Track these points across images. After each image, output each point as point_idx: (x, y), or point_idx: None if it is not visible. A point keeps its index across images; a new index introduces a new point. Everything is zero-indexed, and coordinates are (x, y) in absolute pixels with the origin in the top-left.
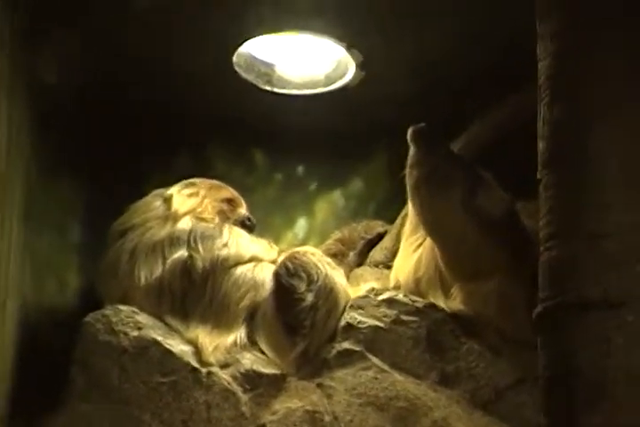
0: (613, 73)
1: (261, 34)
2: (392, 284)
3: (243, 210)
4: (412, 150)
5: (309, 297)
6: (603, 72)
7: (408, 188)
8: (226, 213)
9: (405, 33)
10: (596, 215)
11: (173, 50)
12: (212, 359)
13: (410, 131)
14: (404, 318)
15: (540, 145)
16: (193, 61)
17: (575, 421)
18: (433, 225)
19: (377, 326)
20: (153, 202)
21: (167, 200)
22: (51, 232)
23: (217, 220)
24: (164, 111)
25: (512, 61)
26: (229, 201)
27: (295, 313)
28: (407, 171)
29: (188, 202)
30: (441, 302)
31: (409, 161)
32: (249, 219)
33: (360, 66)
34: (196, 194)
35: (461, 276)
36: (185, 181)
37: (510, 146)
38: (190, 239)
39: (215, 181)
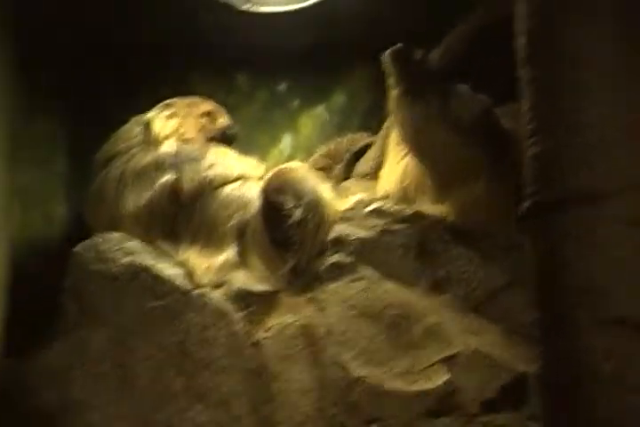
0: None
1: None
2: (379, 194)
3: (223, 119)
4: (389, 72)
5: (297, 213)
6: None
7: (389, 107)
8: (207, 127)
9: None
10: (577, 106)
11: None
12: (203, 280)
13: (386, 54)
14: (393, 227)
15: (518, 41)
16: None
17: (567, 316)
18: (414, 140)
19: (366, 237)
20: (134, 128)
21: (147, 125)
22: (35, 165)
23: (200, 138)
24: (141, 40)
25: None
26: (209, 114)
27: (284, 229)
28: (388, 91)
29: (169, 124)
30: (429, 209)
31: (388, 82)
32: (231, 127)
33: None
34: (175, 114)
35: (447, 184)
36: (162, 103)
37: (493, 49)
38: (176, 162)
39: (192, 98)
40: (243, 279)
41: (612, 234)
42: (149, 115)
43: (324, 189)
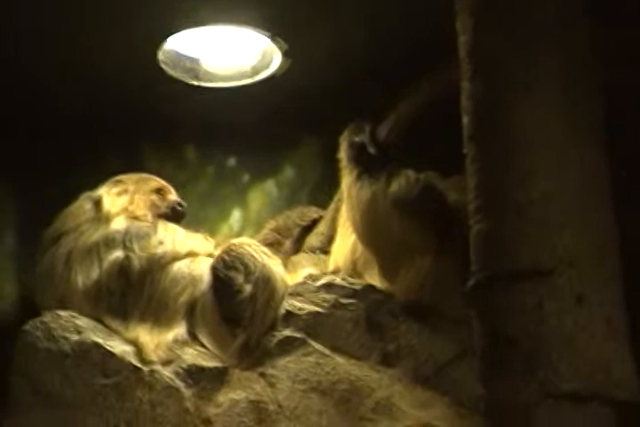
0: (530, 48)
1: (184, 29)
2: (331, 268)
3: (172, 196)
4: (344, 157)
5: (248, 288)
6: (520, 46)
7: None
8: (157, 204)
9: (327, 18)
10: (521, 185)
11: (97, 52)
12: (153, 357)
13: (342, 138)
14: (343, 301)
15: (465, 119)
16: (118, 62)
17: (513, 390)
18: (357, 223)
19: (316, 312)
20: (83, 205)
21: (97, 202)
22: None
23: (150, 215)
24: (93, 112)
25: (435, 42)
26: (158, 191)
27: (234, 305)
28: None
29: (119, 201)
30: (378, 283)
31: (341, 165)
32: (180, 204)
33: (285, 54)
34: (125, 191)
35: (392, 264)
36: (112, 180)
37: (442, 122)
38: (125, 240)
39: (141, 174)
40: (193, 356)
41: (557, 310)
42: (99, 191)
43: (273, 265)
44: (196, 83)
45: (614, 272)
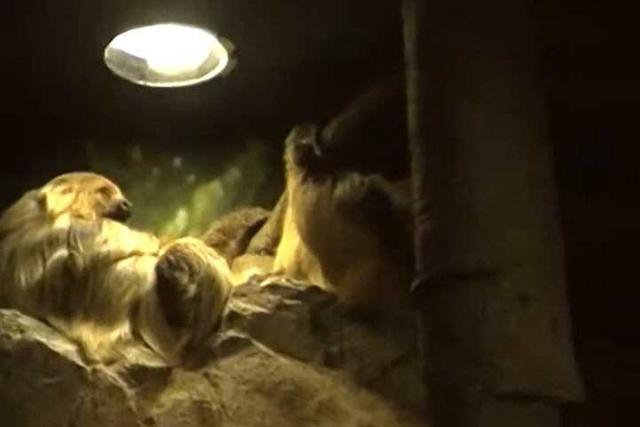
0: (475, 49)
1: (131, 28)
2: (276, 269)
3: (117, 196)
4: (289, 159)
5: (192, 288)
6: (465, 48)
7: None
8: (101, 203)
9: (275, 19)
10: (466, 186)
11: (43, 51)
12: (96, 357)
13: (288, 141)
14: (288, 302)
15: (410, 121)
16: (64, 61)
17: (456, 391)
18: (302, 226)
19: (261, 313)
20: (27, 204)
21: (41, 200)
22: None
23: (94, 214)
24: (36, 112)
25: (383, 46)
26: (103, 190)
27: (178, 305)
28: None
29: (63, 199)
30: (322, 284)
31: (287, 167)
32: (125, 203)
33: (232, 55)
34: (70, 190)
35: (336, 267)
36: (56, 178)
37: (389, 125)
38: (69, 238)
39: (86, 173)
40: (136, 355)
41: (500, 309)
42: (43, 190)
43: (218, 265)
44: (142, 82)
45: (559, 273)
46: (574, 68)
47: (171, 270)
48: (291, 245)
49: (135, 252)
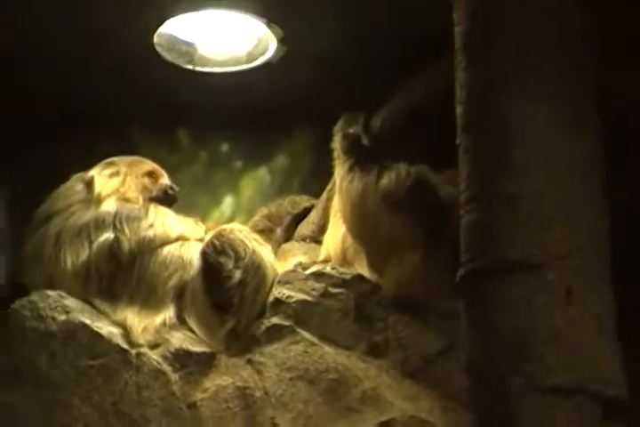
0: (525, 38)
1: (181, 13)
2: (322, 257)
3: (164, 180)
4: (338, 148)
5: (237, 274)
6: (515, 36)
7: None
8: (148, 187)
9: (324, 6)
10: (513, 177)
11: (94, 35)
12: (141, 340)
13: (336, 129)
14: (332, 290)
15: (458, 110)
16: (114, 44)
17: (500, 383)
18: (348, 215)
19: (305, 300)
20: (74, 186)
21: (89, 183)
22: None
23: (141, 198)
24: (87, 95)
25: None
26: (150, 174)
27: (223, 291)
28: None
29: (110, 182)
30: (367, 273)
31: (335, 156)
32: (171, 188)
33: (281, 41)
34: (117, 173)
35: (381, 258)
36: (104, 161)
37: (438, 115)
38: (116, 221)
39: (134, 157)
40: (181, 340)
41: (545, 303)
42: (91, 173)
43: (264, 251)
44: (190, 67)
45: (605, 268)
46: (623, 57)
47: (216, 256)
48: (337, 233)
49: (181, 237)
